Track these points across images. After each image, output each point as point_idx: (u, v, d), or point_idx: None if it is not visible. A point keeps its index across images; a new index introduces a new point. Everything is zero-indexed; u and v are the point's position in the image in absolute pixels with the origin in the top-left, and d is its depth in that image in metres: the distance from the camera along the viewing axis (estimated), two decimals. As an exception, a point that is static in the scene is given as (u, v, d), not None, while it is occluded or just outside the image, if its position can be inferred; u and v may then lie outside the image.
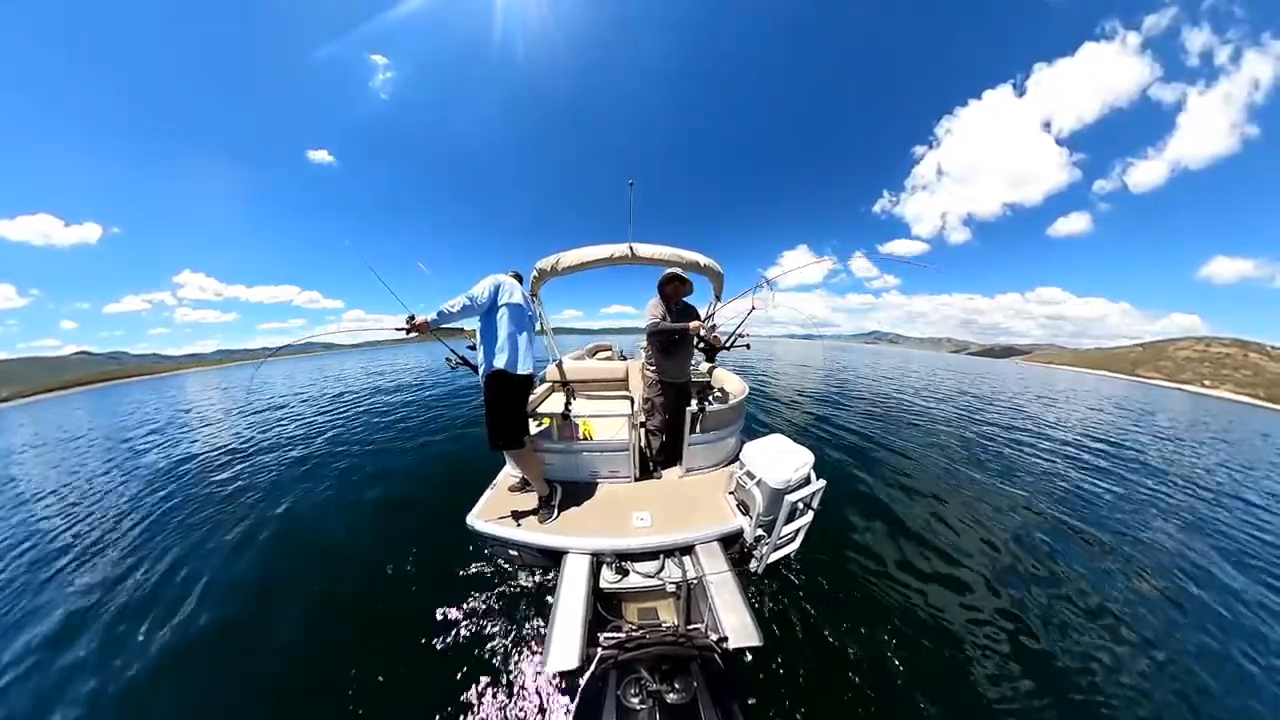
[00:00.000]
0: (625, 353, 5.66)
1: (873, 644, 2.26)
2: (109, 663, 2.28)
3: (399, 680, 2.08)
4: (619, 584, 2.12)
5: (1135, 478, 5.47)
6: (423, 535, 3.31)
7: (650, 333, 2.85)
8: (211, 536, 3.56)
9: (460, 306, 2.23)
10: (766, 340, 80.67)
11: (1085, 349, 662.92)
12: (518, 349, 2.37)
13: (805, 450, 2.39)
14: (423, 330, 2.17)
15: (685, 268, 2.95)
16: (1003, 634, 2.41)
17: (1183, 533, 3.91)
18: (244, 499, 4.31)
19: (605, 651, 1.36)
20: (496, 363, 2.32)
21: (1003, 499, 4.33)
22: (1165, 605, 2.80)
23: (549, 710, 1.86)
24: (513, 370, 2.35)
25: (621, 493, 2.81)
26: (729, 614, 1.76)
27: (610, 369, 4.24)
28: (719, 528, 2.35)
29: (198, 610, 2.66)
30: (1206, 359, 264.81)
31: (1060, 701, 2.03)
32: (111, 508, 4.41)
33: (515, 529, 2.40)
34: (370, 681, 2.09)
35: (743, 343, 3.55)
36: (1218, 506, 4.71)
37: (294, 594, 2.79)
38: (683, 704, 1.14)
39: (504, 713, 1.87)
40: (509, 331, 2.35)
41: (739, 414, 3.27)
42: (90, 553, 3.46)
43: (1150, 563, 3.30)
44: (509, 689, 1.96)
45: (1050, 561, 3.18)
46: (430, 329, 2.18)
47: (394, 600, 2.61)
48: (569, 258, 3.00)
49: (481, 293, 2.31)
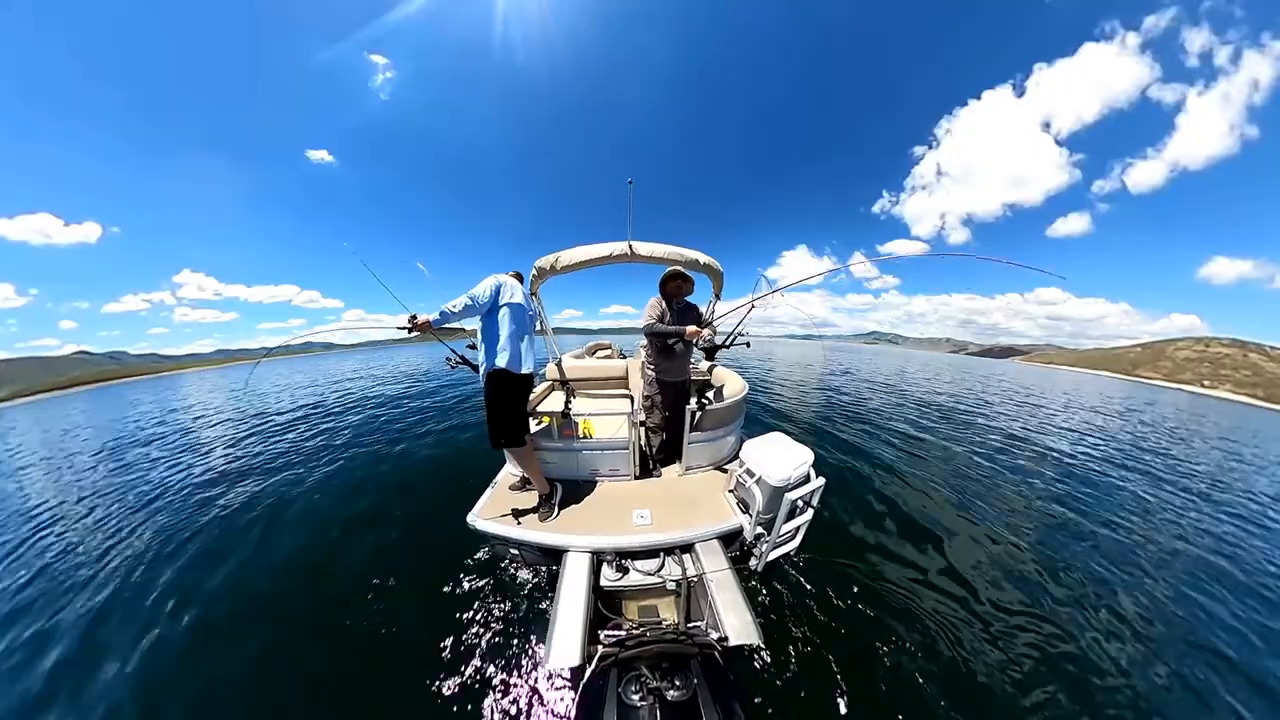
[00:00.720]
0: (624, 351, 5.67)
1: (873, 642, 2.26)
2: (95, 666, 2.28)
3: (400, 679, 2.08)
4: (619, 582, 2.12)
5: (1136, 475, 5.48)
6: (423, 535, 3.31)
7: (648, 334, 2.85)
8: (198, 540, 3.55)
9: (462, 306, 2.25)
10: (767, 340, 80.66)
11: (1085, 349, 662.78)
12: (519, 348, 2.38)
13: (805, 448, 2.39)
14: (424, 330, 2.18)
15: (685, 266, 2.95)
16: (1006, 631, 2.41)
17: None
18: (241, 499, 4.30)
19: (606, 649, 1.36)
20: (498, 362, 2.34)
21: (1008, 497, 4.33)
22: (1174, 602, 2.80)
23: (550, 707, 1.86)
24: (514, 370, 2.36)
25: (621, 491, 2.81)
26: (729, 612, 1.77)
27: (610, 367, 4.24)
28: (719, 526, 2.35)
29: (195, 611, 2.66)
30: (1206, 359, 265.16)
31: (1065, 700, 2.03)
32: (95, 514, 4.40)
33: (516, 527, 2.40)
34: (371, 680, 2.09)
35: (742, 340, 3.55)
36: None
37: (294, 594, 2.79)
38: (683, 701, 1.14)
39: (506, 710, 1.87)
40: (510, 331, 2.36)
41: (738, 412, 3.27)
42: (64, 557, 3.46)
43: (1152, 563, 3.31)
44: (510, 687, 1.96)
45: (1055, 561, 3.17)
46: (432, 329, 2.19)
47: (394, 599, 2.61)
48: (568, 256, 3.00)
49: (483, 293, 2.32)
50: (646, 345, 3.10)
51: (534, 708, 1.87)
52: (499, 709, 1.87)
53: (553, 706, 1.86)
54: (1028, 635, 2.40)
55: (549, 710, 1.85)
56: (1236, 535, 3.95)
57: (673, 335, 2.75)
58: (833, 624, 2.33)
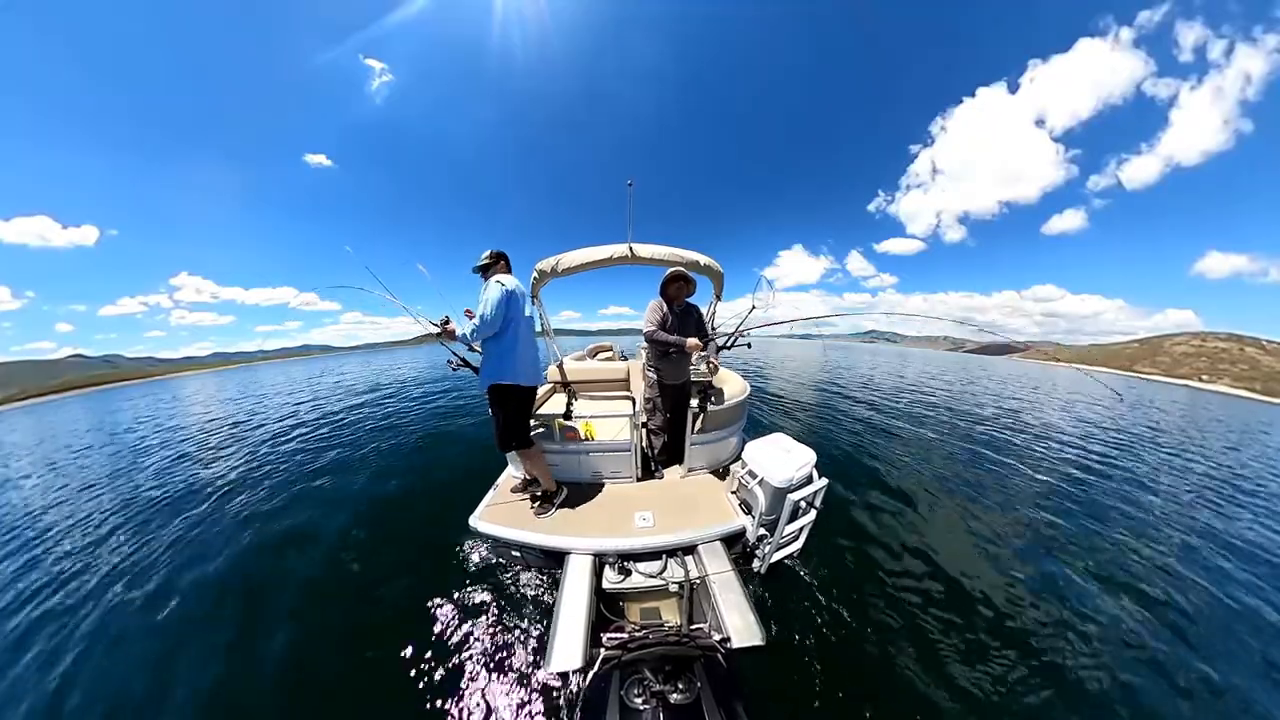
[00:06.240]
0: (626, 353, 5.66)
1: (877, 644, 2.26)
2: (92, 668, 2.27)
3: (400, 680, 2.07)
4: (621, 584, 2.12)
5: (1142, 472, 5.49)
6: (425, 536, 3.30)
7: (649, 340, 2.85)
8: (205, 538, 3.55)
9: (473, 330, 2.32)
10: (766, 340, 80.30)
11: (1082, 345, 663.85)
12: (526, 361, 2.43)
13: (807, 449, 2.39)
14: (450, 337, 2.35)
15: (685, 267, 2.95)
16: (1010, 633, 2.40)
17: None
18: (238, 500, 4.29)
19: (608, 652, 1.35)
20: (508, 375, 2.37)
21: (1013, 497, 4.33)
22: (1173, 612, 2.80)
23: (552, 710, 1.86)
24: (523, 383, 2.42)
25: (623, 493, 2.81)
26: (732, 614, 1.76)
27: (611, 369, 4.24)
28: (721, 527, 2.35)
29: (191, 612, 2.65)
30: (1203, 354, 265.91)
31: (1069, 705, 2.02)
32: (87, 513, 4.38)
33: (518, 530, 2.40)
34: (374, 683, 2.08)
35: (744, 341, 3.55)
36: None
37: (292, 594, 2.78)
38: (686, 704, 1.13)
39: (508, 713, 1.86)
40: (518, 344, 2.40)
41: (740, 413, 3.26)
42: (65, 556, 3.45)
43: (1157, 563, 3.31)
44: (512, 689, 1.96)
45: (1060, 561, 3.17)
46: (454, 337, 2.34)
47: (396, 602, 2.60)
48: (569, 259, 3.00)
49: (497, 317, 2.31)
50: (647, 347, 3.10)
51: (536, 711, 1.86)
52: (500, 712, 1.87)
53: (554, 709, 1.85)
54: (1037, 638, 2.37)
55: (551, 713, 1.85)
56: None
57: (673, 346, 2.75)
58: (837, 626, 2.33)
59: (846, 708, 1.92)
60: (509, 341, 2.37)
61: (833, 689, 1.98)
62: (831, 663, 2.10)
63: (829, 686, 1.98)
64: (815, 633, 2.27)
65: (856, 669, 2.09)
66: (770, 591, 2.51)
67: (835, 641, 2.23)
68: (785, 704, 1.90)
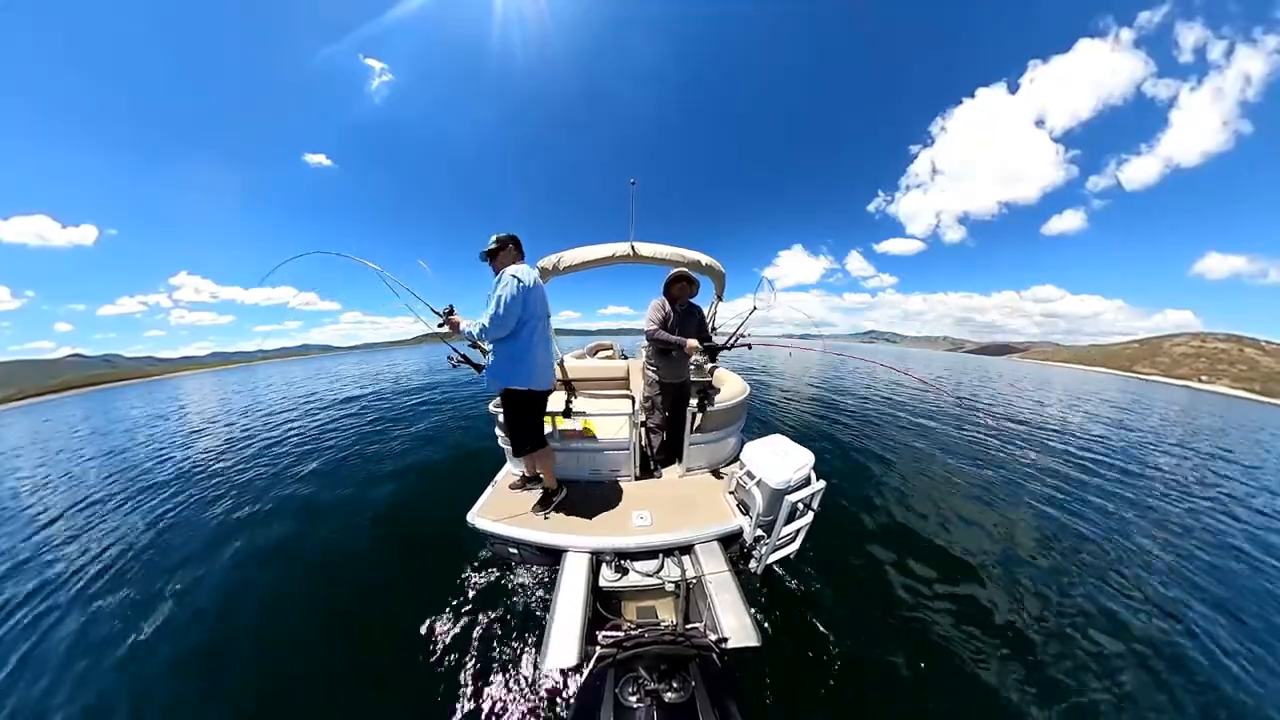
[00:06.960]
0: (626, 352, 5.66)
1: (873, 646, 2.25)
2: (93, 667, 2.27)
3: (396, 677, 2.07)
4: (618, 583, 2.12)
5: (1143, 472, 5.49)
6: (423, 533, 3.30)
7: (649, 338, 2.85)
8: (196, 540, 3.54)
9: (479, 329, 2.15)
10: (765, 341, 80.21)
11: (1082, 345, 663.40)
12: (544, 363, 2.31)
13: (806, 451, 2.39)
14: (454, 330, 2.21)
15: (688, 267, 2.95)
16: (1009, 635, 2.39)
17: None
18: (237, 500, 4.28)
19: (603, 650, 1.35)
20: (523, 379, 2.23)
21: (1012, 498, 4.32)
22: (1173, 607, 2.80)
23: (547, 707, 1.85)
24: (541, 387, 2.32)
25: (622, 491, 2.81)
26: (728, 614, 1.77)
27: (611, 368, 4.24)
28: (719, 527, 2.35)
29: (189, 615, 2.65)
30: (1202, 354, 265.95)
31: (1070, 705, 2.01)
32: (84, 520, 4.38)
33: (515, 527, 2.40)
34: (368, 679, 2.08)
35: (744, 342, 3.55)
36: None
37: (292, 594, 2.78)
38: (680, 703, 1.13)
39: (502, 710, 1.86)
40: (533, 344, 2.23)
41: (739, 414, 3.26)
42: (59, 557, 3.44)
43: (1157, 564, 3.32)
44: (507, 686, 1.95)
45: (1059, 562, 3.17)
46: (457, 334, 2.22)
47: (392, 599, 2.60)
48: (571, 257, 2.99)
49: (510, 317, 2.11)
50: (647, 346, 3.11)
51: (530, 708, 1.86)
52: (495, 708, 1.87)
53: (549, 707, 1.85)
54: (1035, 640, 2.36)
55: (545, 710, 1.84)
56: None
57: (673, 346, 2.76)
58: (833, 628, 2.33)
59: (841, 709, 1.91)
60: (524, 342, 2.18)
61: (828, 691, 1.98)
62: (826, 664, 2.10)
63: (824, 689, 1.98)
64: (811, 635, 2.27)
65: (852, 671, 2.08)
66: (767, 592, 2.51)
67: (831, 644, 2.22)
68: (780, 705, 1.89)
